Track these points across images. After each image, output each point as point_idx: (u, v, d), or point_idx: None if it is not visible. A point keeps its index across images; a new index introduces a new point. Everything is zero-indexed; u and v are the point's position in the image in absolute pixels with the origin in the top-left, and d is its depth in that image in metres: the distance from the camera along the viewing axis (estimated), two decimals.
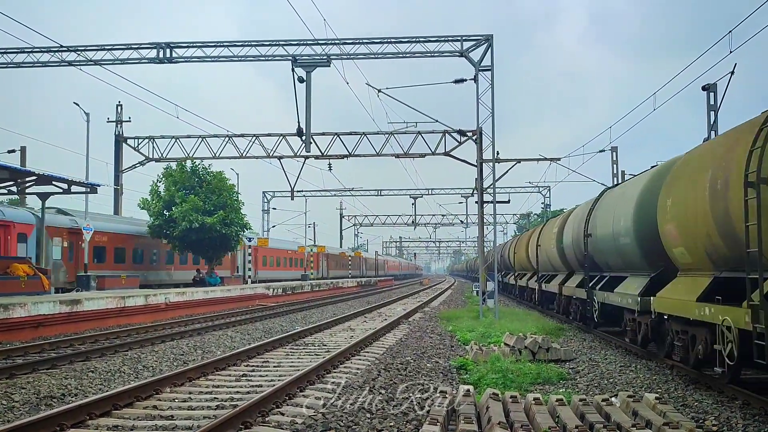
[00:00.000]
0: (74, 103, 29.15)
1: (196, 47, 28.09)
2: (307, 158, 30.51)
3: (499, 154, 24.19)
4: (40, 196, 25.10)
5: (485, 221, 25.85)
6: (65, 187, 23.73)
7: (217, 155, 31.96)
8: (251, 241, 38.43)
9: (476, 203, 25.09)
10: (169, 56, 28.01)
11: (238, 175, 55.87)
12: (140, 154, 33.31)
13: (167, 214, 32.75)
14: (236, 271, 44.48)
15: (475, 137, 25.65)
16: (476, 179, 24.89)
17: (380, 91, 24.58)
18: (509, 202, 27.04)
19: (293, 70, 23.01)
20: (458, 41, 26.22)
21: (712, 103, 18.84)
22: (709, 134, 18.43)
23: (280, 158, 30.96)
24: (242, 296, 31.93)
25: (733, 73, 14.34)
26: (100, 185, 25.75)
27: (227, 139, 31.77)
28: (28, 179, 22.55)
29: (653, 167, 13.95)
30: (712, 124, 18.63)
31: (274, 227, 62.09)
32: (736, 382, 9.10)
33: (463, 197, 52.77)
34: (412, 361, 12.63)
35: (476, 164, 25.09)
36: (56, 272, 26.61)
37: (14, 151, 37.28)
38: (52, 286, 24.19)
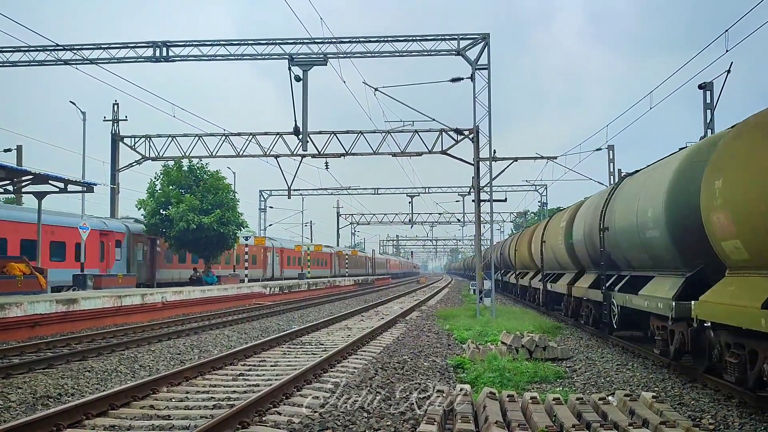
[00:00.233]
0: (70, 101, 29.17)
1: (192, 46, 28.02)
2: (304, 157, 30.54)
3: (495, 152, 24.21)
4: (36, 195, 25.06)
5: (482, 219, 25.87)
6: (61, 186, 23.68)
7: (213, 154, 31.96)
8: (248, 240, 38.40)
9: (473, 202, 25.14)
10: (165, 55, 27.94)
11: (234, 173, 55.65)
12: (137, 152, 33.27)
13: (164, 213, 32.76)
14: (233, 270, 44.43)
15: (471, 136, 25.69)
16: (473, 178, 24.92)
17: (377, 89, 24.61)
18: (506, 200, 27.01)
19: (290, 68, 23.03)
20: (455, 40, 26.22)
21: (708, 101, 18.89)
22: (705, 132, 18.46)
23: (276, 157, 30.96)
24: (239, 295, 31.90)
25: (729, 71, 14.39)
26: (96, 184, 25.68)
27: (224, 137, 31.76)
28: (24, 178, 22.48)
29: (681, 150, 11.92)
30: (708, 122, 18.67)
31: (270, 226, 62.06)
32: None
33: (460, 196, 52.78)
34: (409, 360, 12.64)
35: (473, 163, 25.11)
36: (139, 271, 33.69)
37: (10, 150, 37.25)
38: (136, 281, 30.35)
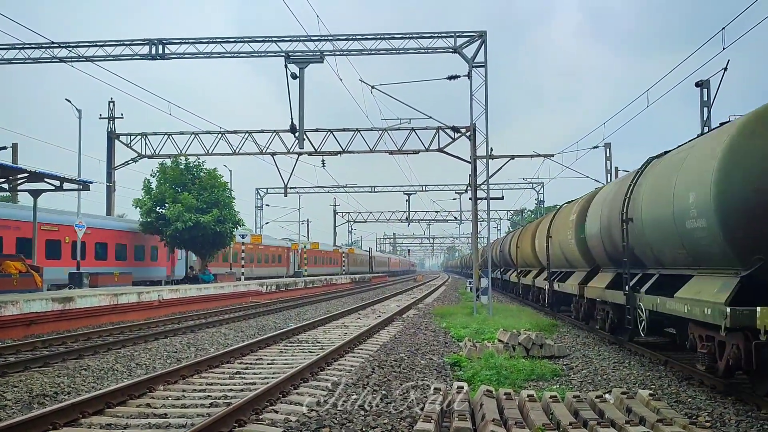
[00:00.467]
0: (66, 99, 29.07)
1: (188, 44, 27.96)
2: (300, 154, 30.57)
3: (492, 150, 24.22)
4: (31, 193, 25.02)
5: (479, 217, 25.88)
6: (57, 184, 23.65)
7: (210, 152, 31.94)
8: (244, 238, 38.35)
9: (470, 200, 25.12)
10: (161, 53, 27.86)
11: (231, 171, 55.88)
12: (133, 150, 33.23)
13: (160, 211, 32.66)
14: (231, 268, 44.35)
15: (468, 134, 25.68)
16: (470, 175, 24.91)
17: (374, 87, 24.59)
18: (503, 198, 27.02)
19: (286, 66, 22.95)
20: (452, 37, 26.20)
21: (705, 99, 18.91)
22: (702, 130, 18.48)
23: (273, 155, 30.96)
24: (235, 293, 31.86)
25: (726, 69, 14.39)
26: (92, 182, 25.63)
27: (220, 135, 31.75)
28: (19, 176, 22.42)
29: (724, 123, 9.90)
30: (705, 120, 18.69)
31: (267, 224, 62.00)
32: None
33: (456, 194, 52.93)
34: (406, 358, 12.64)
35: (470, 161, 25.11)
36: (196, 266, 38.67)
37: (5, 148, 37.08)
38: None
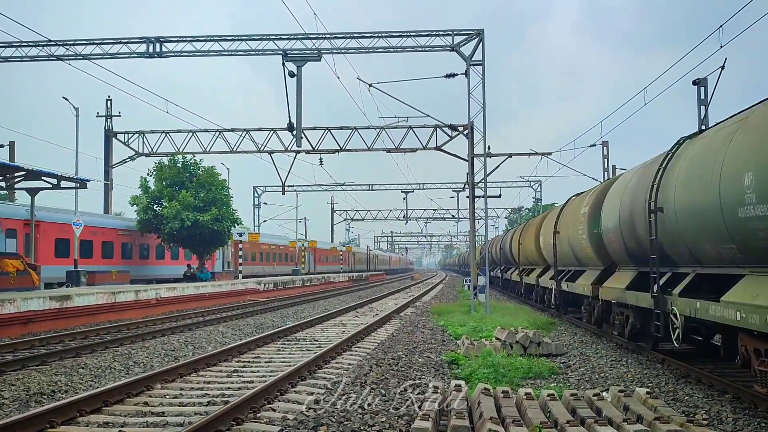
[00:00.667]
0: (63, 97, 29.02)
1: (186, 41, 27.87)
2: (298, 153, 30.51)
3: (490, 148, 24.24)
4: (29, 191, 25.00)
5: (476, 215, 25.89)
6: (54, 182, 23.62)
7: (207, 150, 31.86)
8: (242, 236, 38.32)
9: (467, 198, 25.13)
10: (158, 51, 27.78)
11: (228, 169, 55.67)
12: (130, 149, 33.14)
13: (157, 209, 32.63)
14: (228, 266, 44.33)
15: (466, 132, 25.66)
16: (467, 174, 24.91)
17: (371, 85, 24.59)
18: (500, 196, 27.01)
19: (284, 64, 22.95)
20: (449, 36, 26.15)
21: (702, 97, 18.90)
22: (699, 129, 18.48)
23: (270, 153, 30.89)
24: (233, 291, 31.85)
25: (723, 67, 14.38)
26: (89, 180, 25.60)
27: (218, 133, 31.68)
28: (17, 174, 22.39)
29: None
30: (702, 118, 18.68)
31: (265, 222, 61.99)
32: None
33: (454, 192, 52.96)
34: (403, 356, 12.64)
35: (467, 159, 25.09)
36: (230, 266, 43.47)
37: (3, 146, 37.01)
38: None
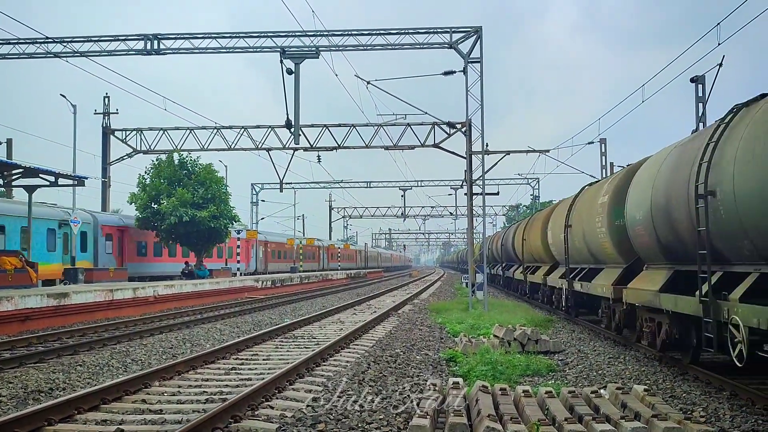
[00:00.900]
0: (61, 95, 29.00)
1: (184, 39, 27.82)
2: (296, 150, 30.52)
3: (488, 145, 24.23)
4: (26, 189, 24.94)
5: (474, 213, 25.89)
6: (52, 179, 23.62)
7: (205, 147, 31.86)
8: (240, 233, 38.30)
9: (465, 195, 25.14)
10: (156, 48, 27.74)
11: (226, 167, 55.66)
12: (128, 146, 33.15)
13: (155, 206, 32.60)
14: (226, 263, 44.31)
15: (464, 129, 25.66)
16: (465, 171, 24.91)
17: (369, 83, 24.55)
18: (498, 193, 27.08)
19: (282, 61, 22.91)
20: (447, 33, 26.14)
21: (700, 94, 18.91)
22: (697, 126, 18.50)
23: (268, 150, 30.91)
24: (231, 289, 31.84)
25: (721, 65, 14.38)
26: (87, 177, 25.57)
27: (215, 130, 31.67)
28: (14, 172, 22.37)
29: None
30: (700, 116, 18.70)
31: (263, 219, 61.95)
32: None
33: (452, 189, 53.00)
34: (401, 353, 12.65)
35: (465, 156, 25.10)
36: (260, 264, 48.56)
37: (1, 143, 36.94)
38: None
